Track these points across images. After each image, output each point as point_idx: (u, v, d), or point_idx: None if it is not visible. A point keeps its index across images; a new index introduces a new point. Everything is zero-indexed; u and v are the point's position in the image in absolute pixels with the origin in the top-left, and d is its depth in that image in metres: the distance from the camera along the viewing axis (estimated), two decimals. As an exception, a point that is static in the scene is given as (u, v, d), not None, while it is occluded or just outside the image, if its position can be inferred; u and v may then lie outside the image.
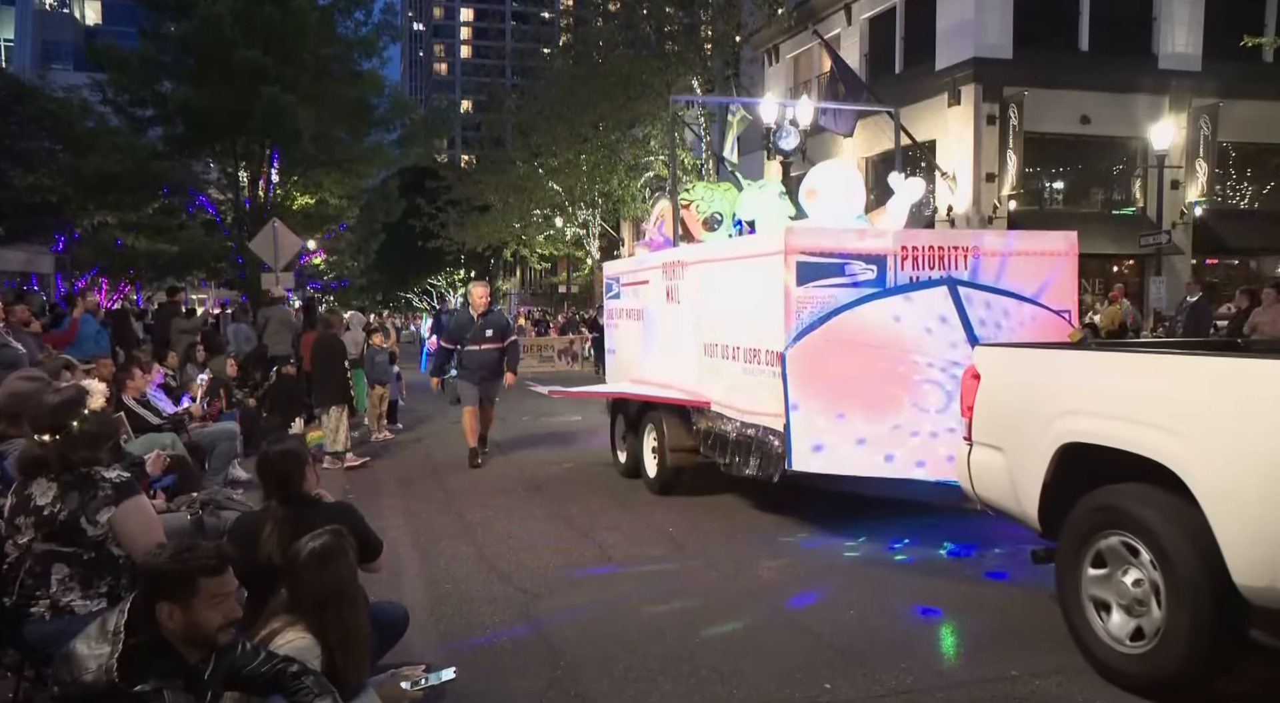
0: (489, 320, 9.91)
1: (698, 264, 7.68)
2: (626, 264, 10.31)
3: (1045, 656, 4.45)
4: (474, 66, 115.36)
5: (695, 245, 8.26)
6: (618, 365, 9.97)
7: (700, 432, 7.57)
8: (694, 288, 7.70)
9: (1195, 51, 20.10)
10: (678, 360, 8.03)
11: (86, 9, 61.73)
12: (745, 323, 6.74)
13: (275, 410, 11.60)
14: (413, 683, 3.41)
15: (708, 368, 7.44)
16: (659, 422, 8.06)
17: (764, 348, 6.39)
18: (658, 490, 8.15)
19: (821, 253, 6.12)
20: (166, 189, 23.14)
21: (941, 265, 6.28)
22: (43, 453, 3.57)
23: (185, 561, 2.65)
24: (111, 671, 2.51)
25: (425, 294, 63.49)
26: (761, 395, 6.43)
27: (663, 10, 24.25)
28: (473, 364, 9.78)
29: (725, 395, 7.13)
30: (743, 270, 6.81)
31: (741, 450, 6.85)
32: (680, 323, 7.98)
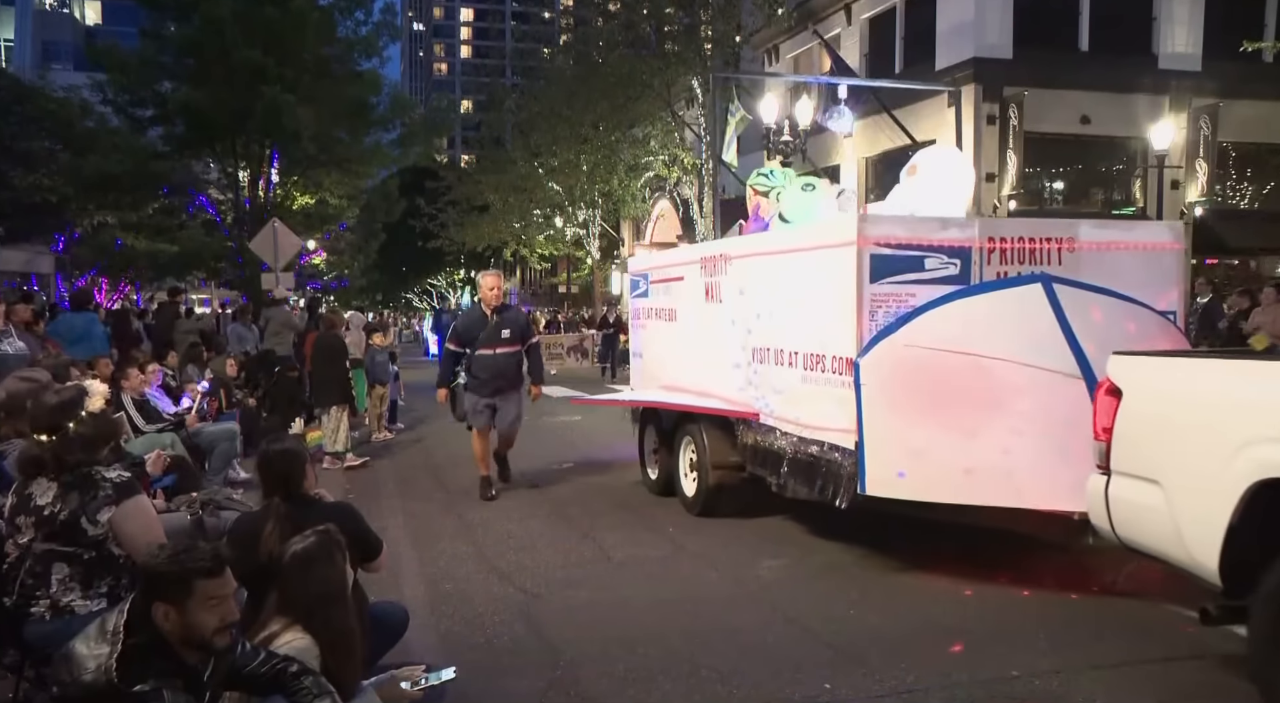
0: (505, 318, 8.16)
1: (745, 258, 6.91)
2: (657, 259, 9.44)
3: (1045, 656, 4.46)
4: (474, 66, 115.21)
5: (740, 238, 7.58)
6: (646, 371, 9.09)
7: (746, 446, 6.86)
8: (740, 285, 6.96)
9: (1195, 51, 20.09)
10: (719, 366, 7.29)
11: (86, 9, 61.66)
12: (805, 325, 6.02)
13: (275, 410, 11.60)
14: (413, 683, 3.41)
15: (756, 375, 6.72)
16: (698, 435, 7.28)
17: (830, 354, 5.67)
18: (698, 512, 7.33)
19: (899, 244, 5.38)
20: (166, 189, 23.13)
21: (1032, 260, 5.53)
22: (40, 453, 3.57)
23: (181, 562, 2.64)
24: (111, 671, 2.51)
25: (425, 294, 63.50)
26: (826, 408, 5.73)
27: (663, 10, 24.24)
28: (485, 372, 8.05)
29: (778, 406, 6.42)
30: (802, 265, 6.06)
31: (799, 470, 6.10)
32: (722, 324, 7.23)
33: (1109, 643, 4.59)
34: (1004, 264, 5.53)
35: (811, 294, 5.95)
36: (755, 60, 26.63)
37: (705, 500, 7.28)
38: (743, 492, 7.12)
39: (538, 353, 8.53)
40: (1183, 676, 4.24)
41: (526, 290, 58.18)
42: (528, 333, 8.41)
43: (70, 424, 3.66)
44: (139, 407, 7.65)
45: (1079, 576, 5.63)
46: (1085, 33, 20.17)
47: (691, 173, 25.84)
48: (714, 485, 7.17)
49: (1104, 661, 4.40)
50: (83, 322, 10.57)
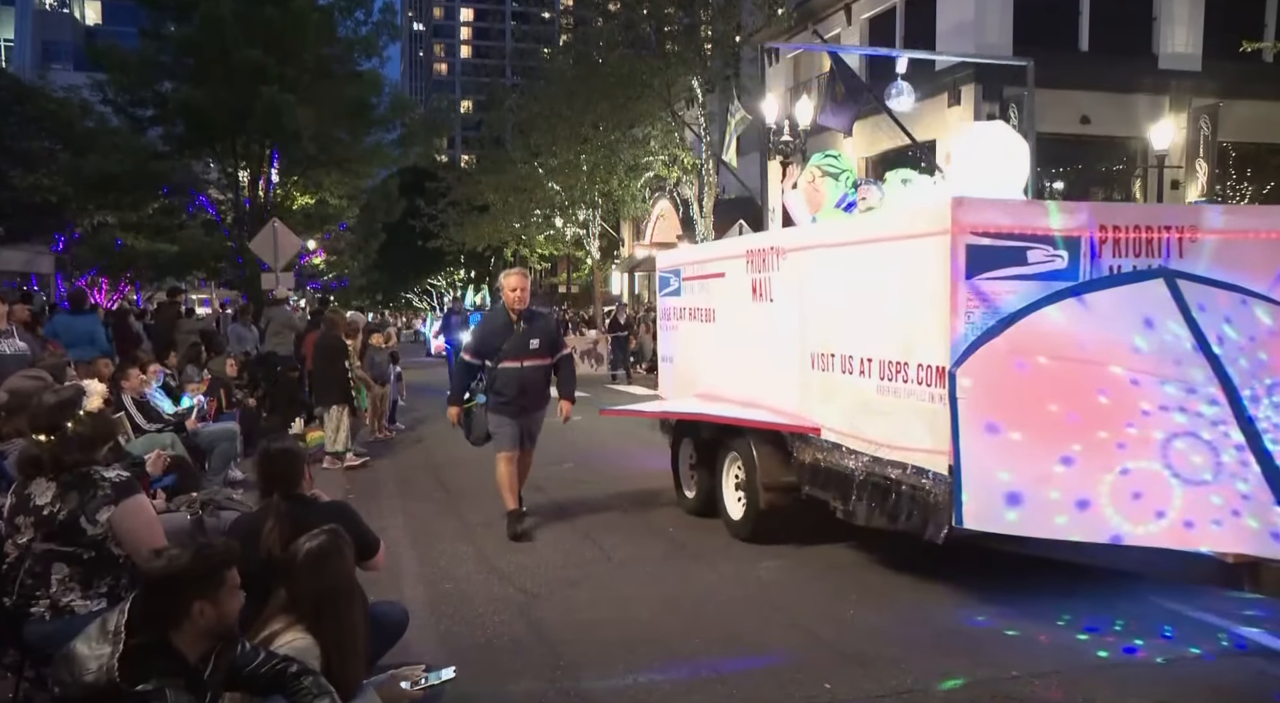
0: (534, 326, 7.03)
1: (805, 251, 6.10)
2: (691, 254, 8.61)
3: (1045, 656, 4.46)
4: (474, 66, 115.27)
5: (797, 228, 6.72)
6: (678, 376, 8.28)
7: (804, 465, 6.08)
8: (796, 281, 6.16)
9: (1195, 51, 20.09)
10: (769, 373, 6.56)
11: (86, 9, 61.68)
12: (882, 328, 5.25)
13: (275, 410, 11.61)
14: (412, 683, 3.41)
15: (817, 384, 5.94)
16: (746, 450, 6.50)
17: (914, 361, 4.93)
18: (746, 536, 6.58)
19: (999, 233, 4.63)
20: (166, 189, 23.14)
21: (1149, 251, 4.79)
22: (39, 453, 3.57)
23: (209, 556, 2.73)
24: (112, 671, 2.52)
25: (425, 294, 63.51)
26: (910, 425, 4.99)
27: (663, 10, 24.24)
28: (510, 389, 6.89)
29: (846, 421, 5.66)
30: (879, 258, 5.30)
31: (873, 495, 5.36)
32: (774, 326, 6.46)
33: (1109, 643, 4.59)
34: (1117, 256, 4.75)
35: (891, 292, 5.17)
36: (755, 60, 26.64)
37: (755, 525, 6.48)
38: (799, 516, 6.32)
39: (571, 366, 7.39)
40: (1183, 676, 4.24)
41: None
42: (559, 343, 7.33)
43: (68, 424, 3.66)
44: (139, 407, 7.65)
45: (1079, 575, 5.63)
46: (1085, 33, 20.18)
47: (691, 173, 25.82)
48: (765, 508, 6.36)
49: (1105, 661, 4.40)
50: (84, 324, 10.57)
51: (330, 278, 34.11)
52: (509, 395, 6.91)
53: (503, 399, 6.92)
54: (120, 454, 5.53)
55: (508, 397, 6.91)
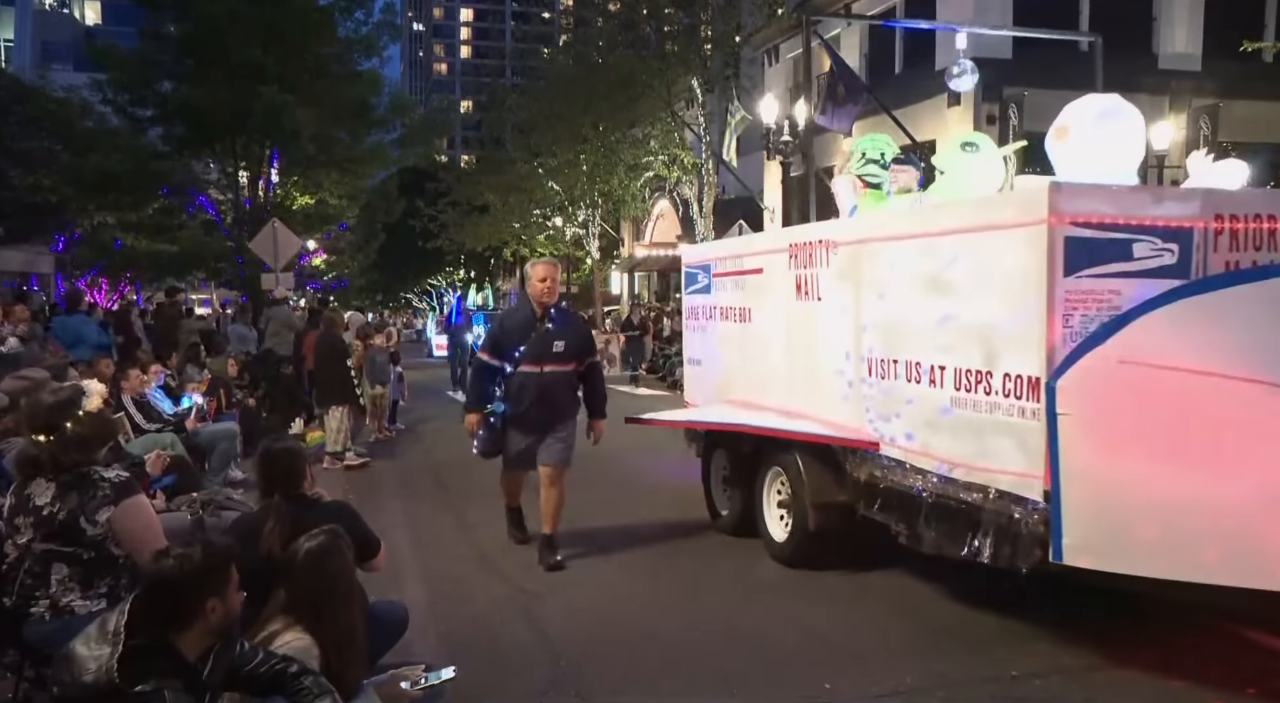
0: (563, 325, 6.13)
1: (860, 245, 5.49)
2: (723, 248, 7.92)
3: (1045, 656, 4.46)
4: (474, 66, 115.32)
5: (853, 219, 6.19)
6: (706, 382, 7.67)
7: (859, 483, 5.49)
8: (851, 278, 5.56)
9: (1195, 51, 20.10)
10: (816, 380, 5.95)
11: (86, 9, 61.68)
12: (958, 331, 4.65)
13: (275, 410, 11.61)
14: (412, 683, 3.41)
15: (875, 394, 5.37)
16: (792, 466, 5.90)
17: (1001, 371, 4.36)
18: (791, 560, 5.97)
19: (1102, 224, 4.08)
20: (166, 189, 23.13)
21: (1272, 245, 4.25)
22: (37, 453, 3.57)
23: (217, 552, 2.76)
24: (112, 671, 2.52)
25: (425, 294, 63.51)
26: (993, 443, 4.42)
27: (662, 10, 24.25)
28: (528, 396, 5.98)
29: (911, 436, 5.08)
30: (954, 252, 4.70)
31: (946, 520, 4.77)
32: (822, 327, 5.86)
33: (1109, 643, 4.59)
34: (1235, 250, 4.19)
35: (969, 291, 4.60)
36: (755, 60, 26.64)
37: (802, 548, 5.89)
38: (853, 539, 5.78)
39: (601, 377, 6.42)
40: (1183, 677, 4.24)
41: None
42: (589, 348, 6.37)
43: (67, 424, 3.65)
44: (139, 407, 7.65)
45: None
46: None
47: (691, 173, 25.83)
48: (815, 530, 5.76)
49: (1104, 661, 4.40)
50: (74, 324, 10.57)
51: (330, 278, 34.09)
52: (525, 403, 5.96)
53: (519, 407, 5.97)
54: (120, 454, 5.54)
55: (523, 405, 5.96)
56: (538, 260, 6.41)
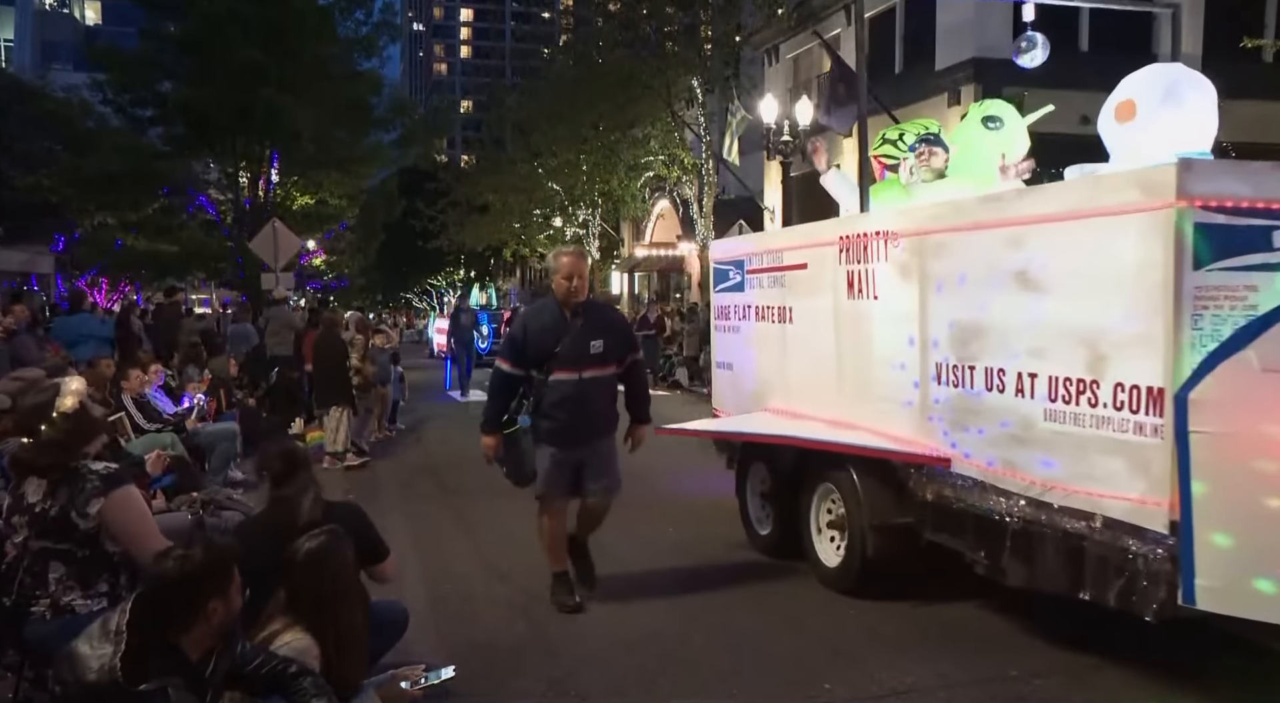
0: (595, 321, 5.24)
1: (927, 236, 4.86)
2: (759, 242, 7.30)
3: (1045, 656, 4.46)
4: (474, 66, 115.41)
5: (921, 206, 5.34)
6: (739, 388, 7.00)
7: (926, 503, 4.90)
8: (914, 274, 4.95)
9: (1195, 51, 20.08)
10: (872, 388, 5.35)
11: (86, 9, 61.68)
12: (1052, 333, 4.04)
13: (275, 410, 11.61)
14: (412, 683, 3.42)
15: (945, 403, 4.75)
16: (847, 483, 5.30)
17: (1110, 379, 3.75)
18: (846, 587, 5.37)
19: (1238, 209, 3.54)
20: (166, 189, 23.16)
21: None
22: (21, 453, 3.58)
23: (219, 552, 2.77)
24: (115, 671, 2.53)
25: (425, 294, 63.56)
26: (1104, 463, 3.81)
27: (663, 10, 24.26)
28: (565, 410, 5.09)
29: (992, 452, 4.45)
30: (1049, 241, 4.09)
31: (1037, 550, 4.17)
32: (879, 329, 5.25)
33: (1110, 643, 4.59)
34: None
35: (1070, 287, 3.98)
36: (755, 60, 26.64)
37: (857, 574, 5.30)
38: (916, 564, 5.21)
39: (643, 375, 5.60)
40: (1184, 677, 4.24)
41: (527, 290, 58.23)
42: (630, 343, 5.51)
43: (42, 427, 3.65)
44: (139, 407, 7.66)
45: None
46: (1085, 33, 20.20)
47: (691, 173, 25.83)
48: (872, 555, 5.17)
49: (1105, 661, 4.40)
50: (76, 322, 10.58)
51: (330, 278, 34.11)
52: (563, 418, 5.07)
53: (554, 423, 5.08)
54: (120, 454, 5.54)
55: (560, 420, 5.07)
56: (561, 251, 5.34)
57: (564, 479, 5.20)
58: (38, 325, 10.69)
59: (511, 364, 5.17)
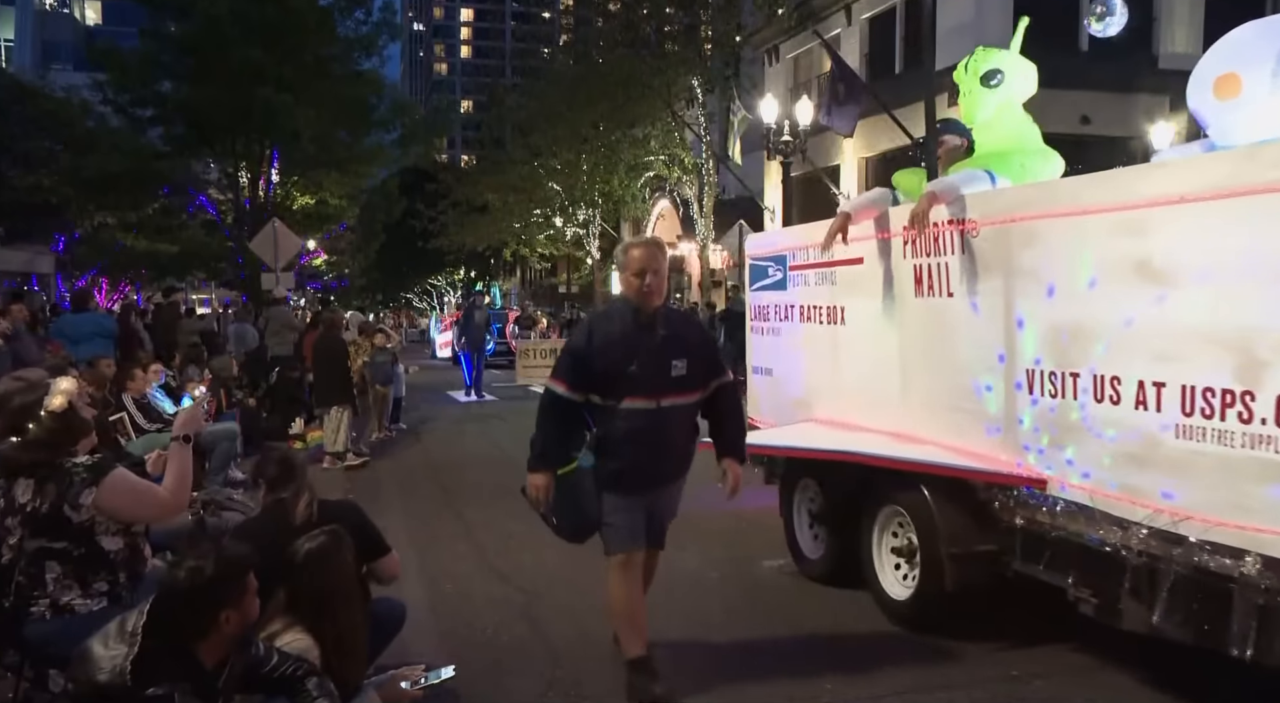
0: (678, 336, 4.19)
1: (1013, 224, 4.24)
2: (804, 234, 6.27)
3: (1045, 656, 4.46)
4: (474, 66, 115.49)
5: (1007, 189, 4.71)
6: (780, 396, 6.34)
7: (1014, 529, 4.29)
8: (998, 266, 4.33)
9: (1195, 51, 20.03)
10: (945, 397, 4.72)
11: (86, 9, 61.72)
12: (1189, 335, 3.46)
13: (275, 410, 11.61)
14: (412, 683, 3.42)
15: (1040, 415, 4.13)
16: (919, 505, 4.67)
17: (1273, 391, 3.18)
18: (915, 622, 4.78)
19: None
20: (166, 189, 23.19)
21: None
22: (8, 453, 3.58)
23: (232, 563, 2.74)
24: (125, 672, 2.54)
25: (426, 294, 63.60)
26: (1263, 492, 3.23)
27: (663, 10, 24.28)
28: (637, 447, 4.06)
29: (1104, 473, 3.83)
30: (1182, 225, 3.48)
31: (1169, 591, 3.54)
32: (954, 330, 4.63)
33: (1110, 642, 4.59)
34: None
35: (1213, 281, 3.39)
36: (755, 60, 26.67)
37: (932, 608, 4.70)
38: (1000, 598, 4.65)
39: (737, 401, 4.48)
40: (1185, 676, 4.24)
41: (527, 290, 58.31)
42: (716, 367, 4.35)
43: (29, 425, 3.65)
44: (139, 407, 7.66)
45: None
46: (1085, 33, 20.20)
47: (691, 173, 25.86)
48: (951, 587, 4.54)
49: (1105, 661, 4.40)
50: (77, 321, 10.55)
51: (330, 278, 34.12)
52: (634, 457, 4.03)
53: (621, 463, 4.04)
54: (120, 454, 5.54)
55: (631, 459, 4.03)
56: (632, 242, 4.27)
57: (641, 530, 4.18)
58: (38, 325, 10.67)
59: (568, 386, 4.07)
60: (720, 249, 24.57)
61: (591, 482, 4.10)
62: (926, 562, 4.64)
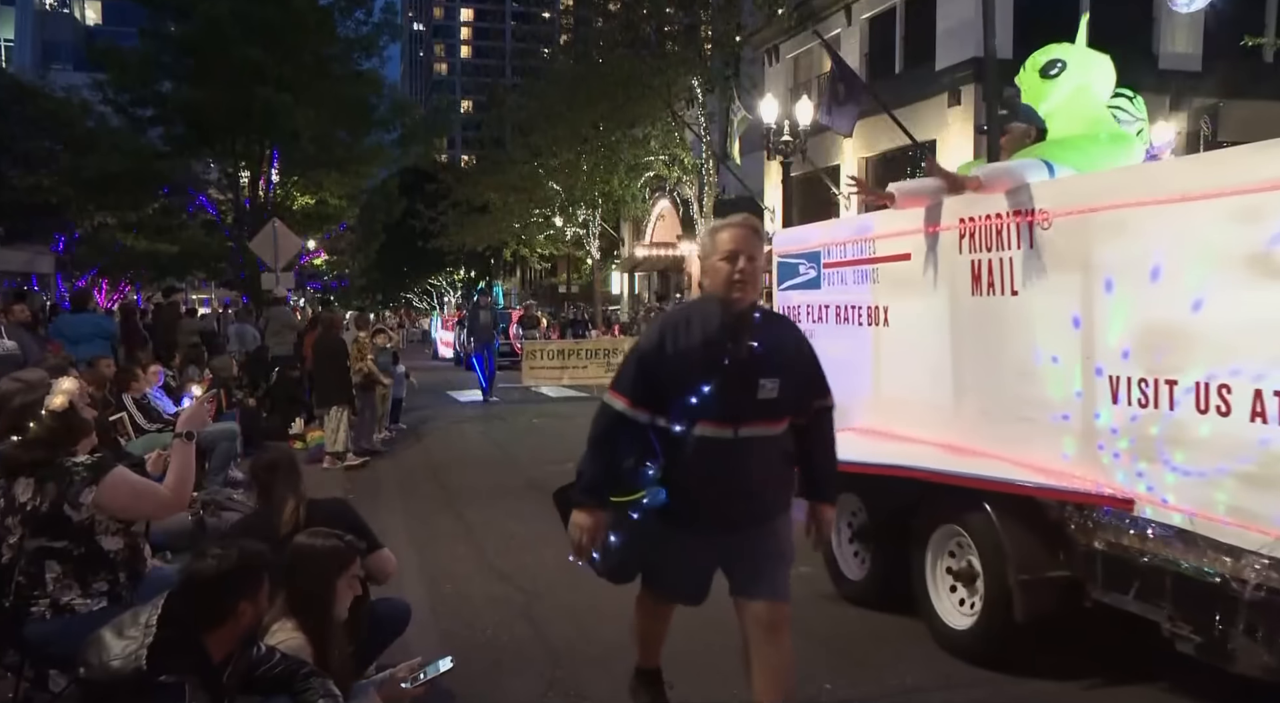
0: (772, 346, 3.20)
1: (1094, 213, 3.79)
2: (840, 229, 6.07)
3: (1045, 656, 4.45)
4: (474, 66, 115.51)
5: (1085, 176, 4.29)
6: None
7: (1093, 554, 3.91)
8: (1074, 261, 3.88)
9: (1195, 51, 20.09)
10: (1009, 406, 4.28)
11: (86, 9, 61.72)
12: None
13: (275, 410, 11.62)
14: (411, 679, 3.42)
15: (1129, 428, 3.69)
16: (983, 527, 4.22)
17: None
18: (979, 655, 4.32)
19: None
20: (166, 189, 23.18)
21: None
22: (9, 452, 3.59)
23: (254, 556, 2.81)
24: (140, 659, 2.58)
25: (426, 294, 63.60)
26: None
27: (663, 10, 24.29)
28: (709, 483, 3.19)
29: (1209, 494, 3.42)
30: None
31: None
32: (1020, 332, 4.19)
33: (1110, 641, 4.59)
34: None
35: None
36: (755, 60, 26.67)
37: (998, 638, 4.24)
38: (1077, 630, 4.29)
39: (833, 431, 3.52)
40: (1185, 675, 4.23)
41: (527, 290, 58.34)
42: (819, 387, 3.42)
43: (30, 424, 3.66)
44: (139, 407, 7.66)
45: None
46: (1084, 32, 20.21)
47: (691, 173, 25.86)
48: (1021, 617, 4.06)
49: (1103, 661, 4.40)
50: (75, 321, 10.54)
51: (330, 278, 34.13)
52: (700, 497, 3.21)
53: (685, 503, 3.20)
54: (121, 454, 5.54)
55: (698, 499, 3.21)
56: (722, 223, 3.30)
57: (689, 582, 3.46)
58: (38, 325, 10.67)
59: (633, 402, 3.20)
60: (720, 249, 24.54)
61: (657, 524, 3.23)
62: (992, 588, 4.18)
